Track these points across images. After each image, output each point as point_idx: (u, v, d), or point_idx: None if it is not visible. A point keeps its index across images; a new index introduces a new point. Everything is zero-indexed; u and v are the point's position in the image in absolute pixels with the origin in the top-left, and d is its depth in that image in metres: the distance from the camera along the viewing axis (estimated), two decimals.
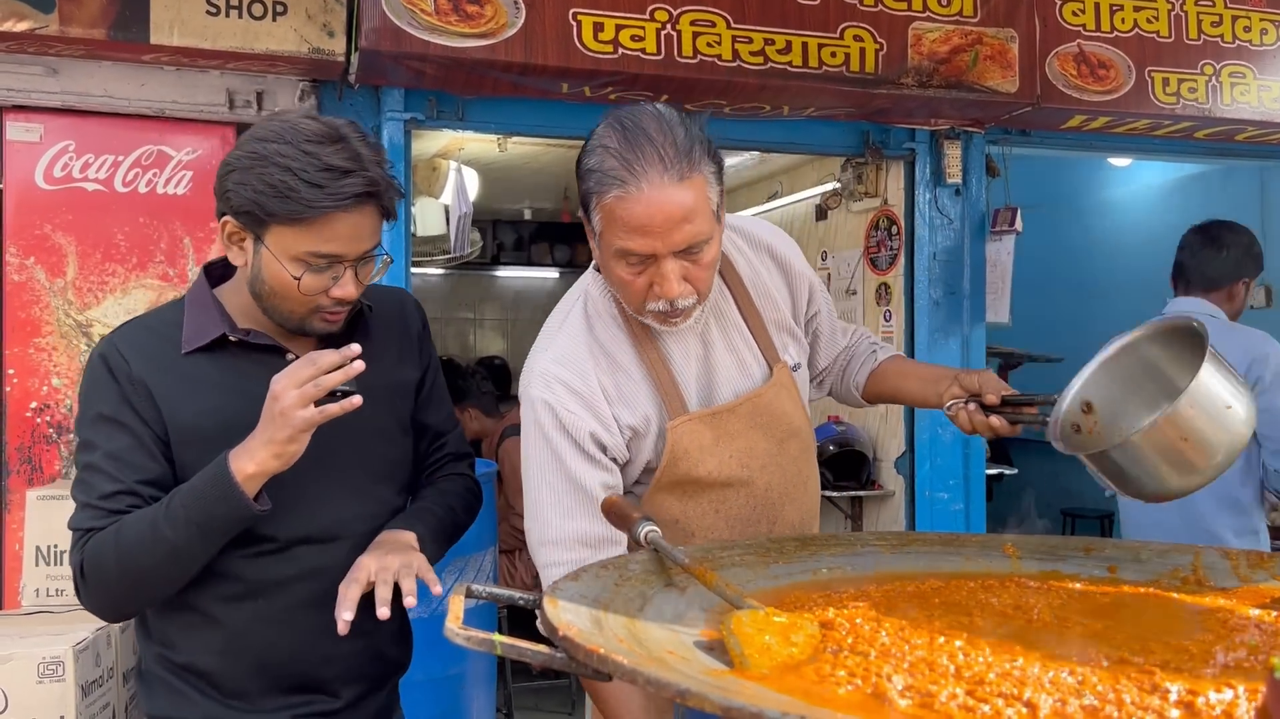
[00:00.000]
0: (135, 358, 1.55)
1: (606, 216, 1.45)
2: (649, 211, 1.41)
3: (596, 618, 0.86)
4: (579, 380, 1.56)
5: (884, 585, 1.09)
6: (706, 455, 1.59)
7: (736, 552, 1.16)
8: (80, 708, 2.49)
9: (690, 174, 1.43)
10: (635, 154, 1.41)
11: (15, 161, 3.23)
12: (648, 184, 1.41)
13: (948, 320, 4.32)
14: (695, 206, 1.43)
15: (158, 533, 1.45)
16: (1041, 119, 4.14)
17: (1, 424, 3.23)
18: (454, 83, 3.51)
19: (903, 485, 4.36)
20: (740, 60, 3.55)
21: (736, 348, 1.67)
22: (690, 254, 1.46)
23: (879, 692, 0.73)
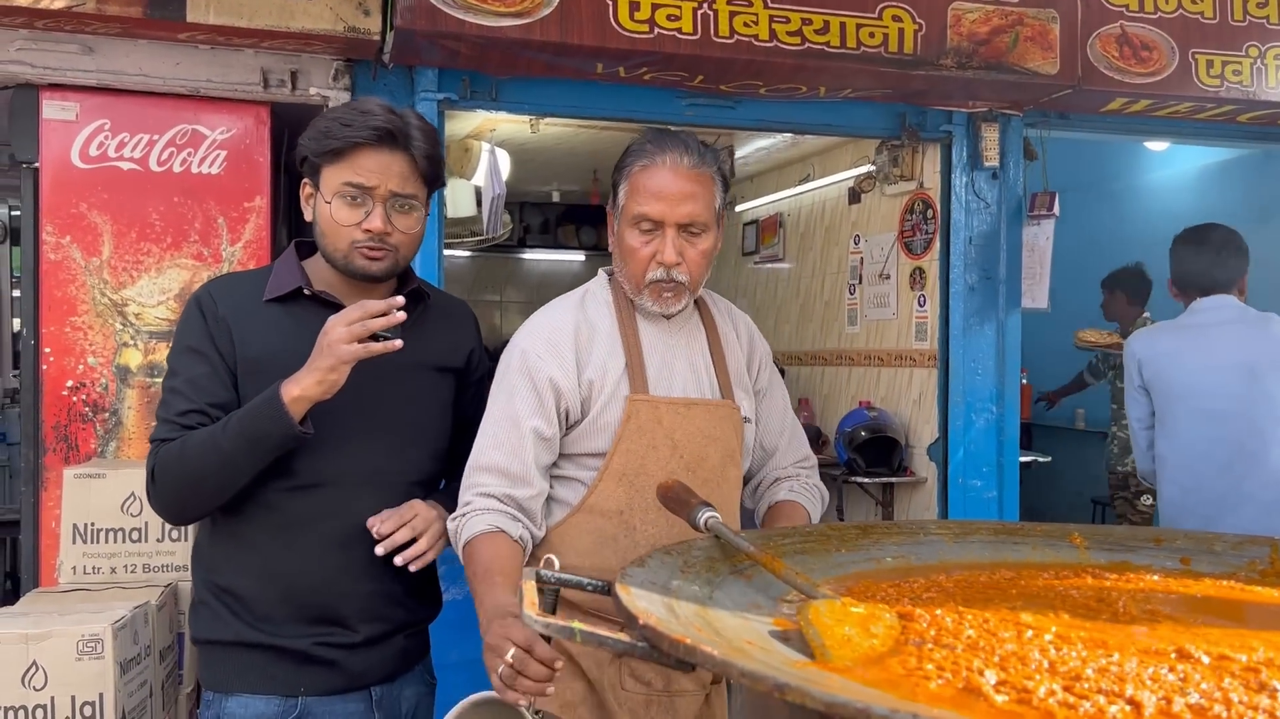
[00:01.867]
0: (223, 301, 1.81)
1: (631, 186, 1.76)
2: (665, 182, 1.73)
3: (669, 605, 0.83)
4: (558, 334, 1.78)
5: (954, 575, 1.06)
6: (659, 442, 1.73)
7: (796, 539, 1.14)
8: (119, 685, 2.49)
9: (703, 169, 1.76)
10: (664, 142, 1.77)
11: (51, 140, 3.23)
12: (669, 160, 1.74)
13: (983, 306, 4.26)
14: (702, 194, 1.75)
15: (216, 444, 1.68)
16: (1081, 101, 4.07)
17: (38, 403, 3.24)
18: (488, 62, 3.48)
19: (935, 472, 4.32)
20: (777, 40, 3.50)
21: (698, 368, 1.85)
22: (689, 233, 1.75)
23: (971, 686, 0.71)
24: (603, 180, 6.24)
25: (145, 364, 3.31)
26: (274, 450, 1.71)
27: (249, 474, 1.73)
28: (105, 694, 2.47)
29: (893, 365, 4.65)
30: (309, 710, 1.81)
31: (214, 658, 1.87)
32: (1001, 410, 4.26)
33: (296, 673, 1.80)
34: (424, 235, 1.87)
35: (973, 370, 4.25)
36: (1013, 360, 4.27)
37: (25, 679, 2.44)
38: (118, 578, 2.88)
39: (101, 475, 2.91)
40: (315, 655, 1.79)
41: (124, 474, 2.91)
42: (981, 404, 4.25)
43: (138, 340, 3.31)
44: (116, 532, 2.90)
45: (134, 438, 3.30)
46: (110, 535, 2.90)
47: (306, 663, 1.80)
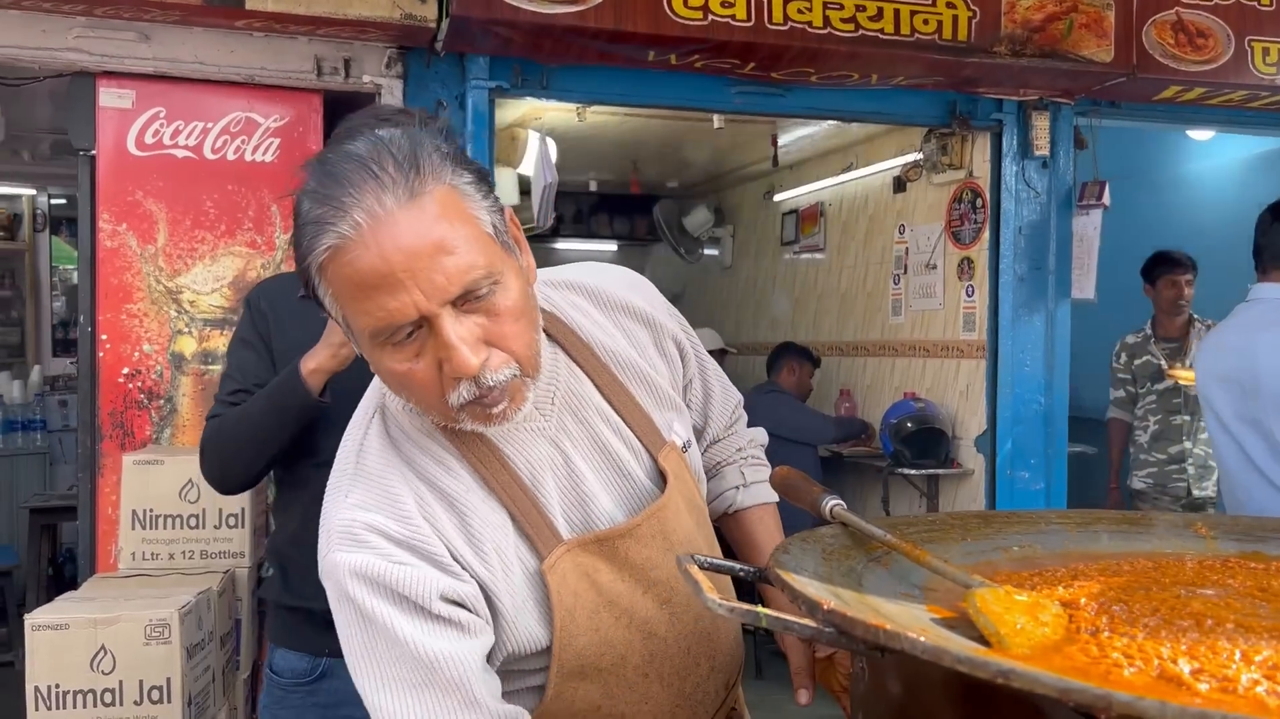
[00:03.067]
0: (265, 297, 2.02)
1: (334, 285, 0.98)
2: (381, 253, 0.94)
3: (833, 591, 0.82)
4: (399, 524, 1.04)
5: (1092, 564, 1.04)
6: (611, 598, 1.12)
7: (920, 528, 1.12)
8: (185, 669, 2.51)
9: (426, 185, 0.97)
10: (338, 184, 0.96)
11: (108, 127, 3.24)
12: (365, 215, 0.94)
13: (1032, 296, 4.23)
14: (450, 228, 0.96)
15: (248, 415, 1.87)
16: (1134, 90, 4.02)
17: (94, 389, 3.26)
18: (541, 50, 3.47)
19: (982, 464, 4.29)
20: (831, 27, 3.47)
21: (606, 443, 1.18)
22: (475, 302, 0.99)
23: (1168, 674, 0.69)
24: (642, 170, 6.23)
25: (199, 351, 3.32)
26: (297, 419, 1.85)
27: (278, 443, 1.88)
28: (172, 678, 2.49)
29: (939, 356, 4.62)
30: (331, 669, 1.95)
31: (269, 615, 2.11)
32: (1050, 402, 4.23)
33: (321, 635, 1.89)
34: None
35: (1021, 361, 4.22)
36: (1062, 351, 4.24)
37: (94, 663, 2.45)
38: (176, 564, 2.90)
39: (160, 462, 2.92)
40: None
41: (182, 461, 2.92)
42: (1030, 395, 4.22)
43: (192, 328, 3.31)
44: (175, 518, 2.91)
45: (188, 424, 3.31)
46: (169, 522, 2.91)
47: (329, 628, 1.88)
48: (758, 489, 1.41)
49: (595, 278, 1.28)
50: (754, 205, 6.63)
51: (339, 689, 1.90)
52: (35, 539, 4.91)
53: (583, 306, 1.24)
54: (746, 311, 6.78)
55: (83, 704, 2.45)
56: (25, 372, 6.17)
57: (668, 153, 5.87)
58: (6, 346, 6.32)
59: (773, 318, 6.37)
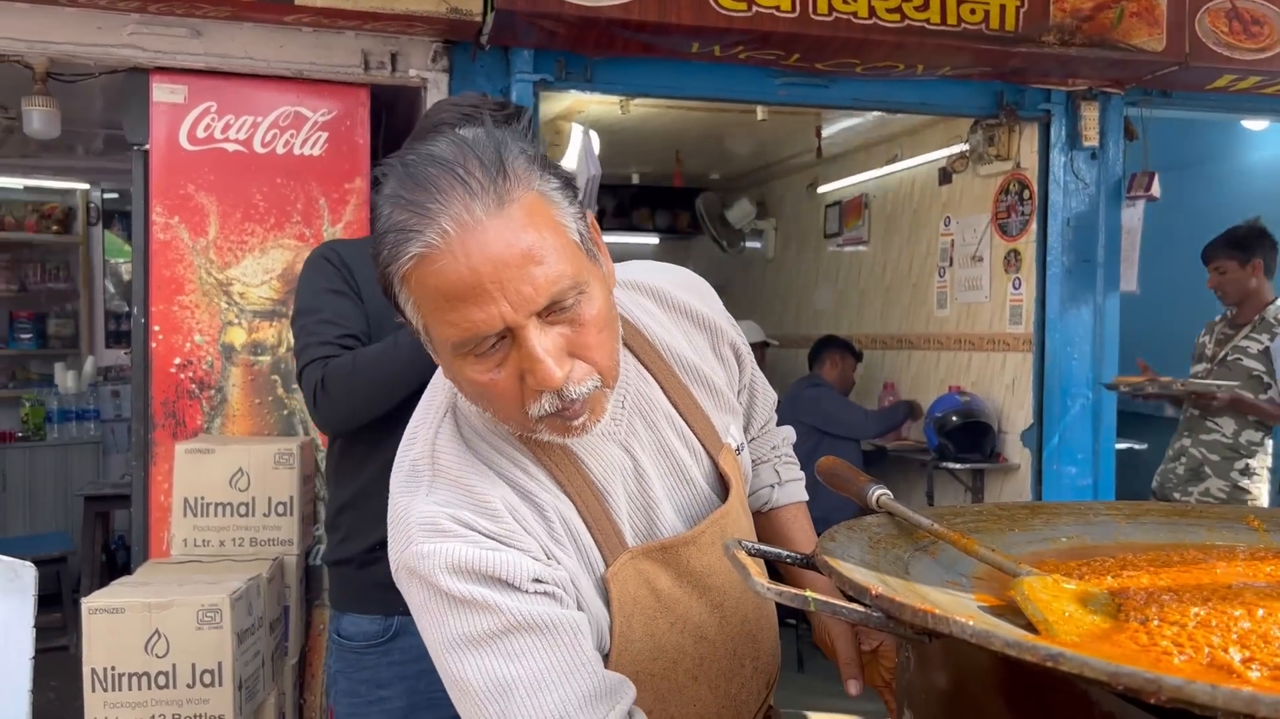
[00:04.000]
0: (346, 254, 1.99)
1: (419, 295, 0.95)
2: (470, 263, 0.91)
3: (882, 579, 0.82)
4: (489, 521, 1.01)
5: (1141, 555, 1.03)
6: (668, 604, 1.11)
7: (968, 519, 1.12)
8: (236, 654, 2.56)
9: (514, 192, 0.93)
10: (424, 189, 0.92)
11: (161, 122, 3.30)
12: (453, 223, 0.91)
13: (1080, 289, 4.17)
14: (538, 237, 0.93)
15: (394, 355, 1.83)
16: (1186, 79, 3.95)
17: (147, 379, 3.33)
18: (585, 43, 3.48)
19: (1029, 459, 4.24)
20: (876, 18, 3.45)
21: (671, 448, 1.16)
22: (560, 313, 0.96)
23: (1218, 663, 0.69)
24: (685, 161, 6.22)
25: (249, 343, 3.38)
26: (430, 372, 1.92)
27: (414, 386, 1.79)
28: (224, 663, 2.54)
29: (985, 349, 4.58)
30: (404, 628, 1.94)
31: (332, 581, 2.07)
32: (1098, 396, 4.18)
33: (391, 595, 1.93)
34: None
35: (1069, 355, 4.17)
36: (1111, 345, 4.18)
37: (148, 646, 2.51)
38: (226, 550, 2.95)
39: (211, 451, 2.98)
40: None
41: (232, 450, 2.98)
42: (1078, 389, 4.17)
43: (242, 319, 3.37)
44: (225, 506, 2.97)
45: (238, 415, 3.37)
46: (219, 509, 2.97)
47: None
48: (792, 488, 1.41)
49: (659, 278, 1.26)
50: (797, 197, 6.60)
51: (414, 646, 1.88)
52: (89, 526, 5.01)
53: (648, 308, 1.22)
54: (789, 304, 6.76)
55: (138, 686, 2.51)
56: (79, 362, 6.30)
57: (710, 145, 5.86)
58: (61, 338, 6.46)
59: (815, 310, 6.34)
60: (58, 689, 3.99)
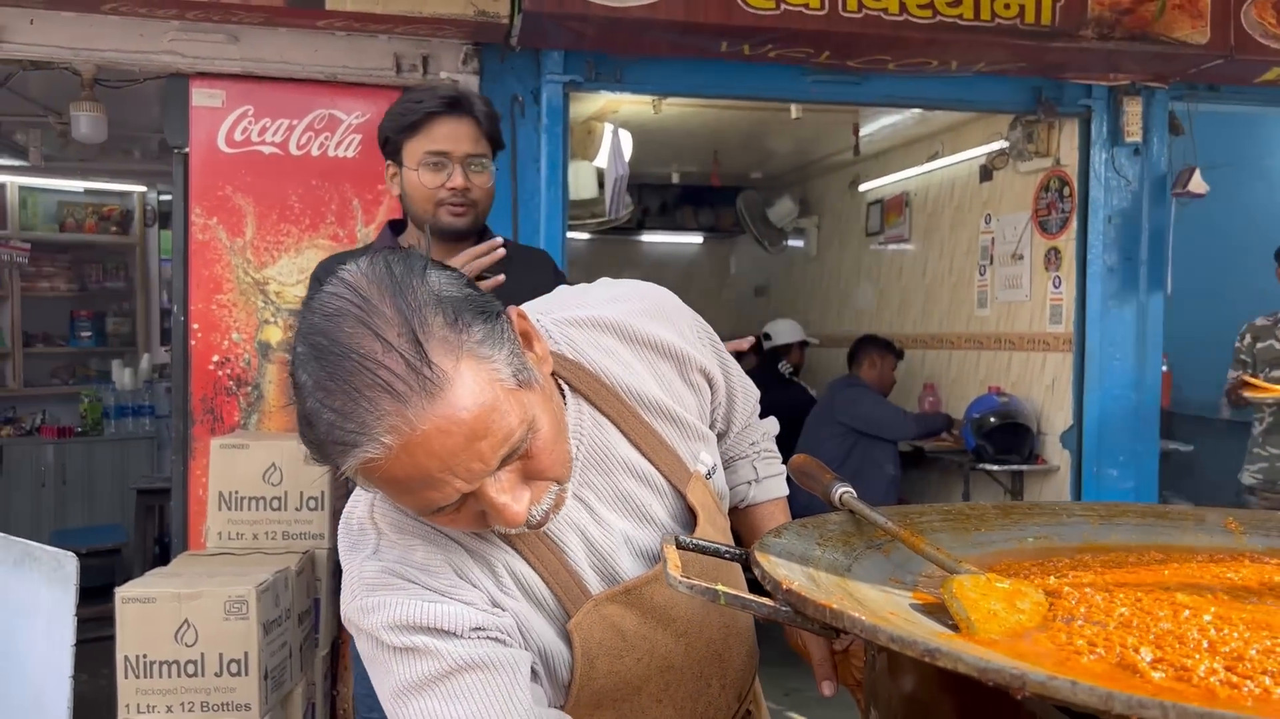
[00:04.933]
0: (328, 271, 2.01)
1: (368, 480, 0.92)
2: (414, 464, 0.88)
3: (810, 574, 0.83)
4: (425, 573, 1.02)
5: (1100, 556, 1.02)
6: (634, 643, 1.12)
7: (934, 518, 1.12)
8: (262, 644, 2.62)
9: (441, 377, 0.87)
10: (348, 393, 0.86)
11: (200, 126, 3.39)
12: (390, 435, 0.86)
13: (1122, 288, 4.09)
14: (478, 413, 0.89)
15: None
16: (1233, 72, 3.86)
17: (186, 376, 3.42)
18: (613, 43, 3.50)
19: (1069, 460, 4.17)
20: (908, 14, 3.42)
21: (629, 492, 1.15)
22: (513, 460, 0.94)
23: (1126, 663, 0.68)
24: (725, 160, 6.21)
25: (285, 340, 3.45)
26: None
27: None
28: (250, 653, 2.60)
29: (1025, 349, 4.51)
30: None
31: None
32: (1141, 397, 4.09)
33: None
34: (495, 191, 2.11)
35: (1111, 355, 4.09)
36: (1154, 345, 4.10)
37: (178, 635, 2.58)
38: (259, 544, 3.02)
39: (245, 446, 3.05)
40: None
41: (266, 445, 3.05)
42: (1120, 390, 4.09)
43: (277, 318, 3.45)
44: (258, 500, 3.04)
45: (274, 411, 3.45)
46: (252, 503, 3.04)
47: None
48: (770, 484, 1.40)
49: (621, 310, 1.21)
50: (839, 195, 6.56)
51: None
52: (141, 519, 5.16)
53: (607, 345, 1.18)
54: (831, 303, 6.71)
55: (168, 674, 2.59)
56: (135, 360, 6.48)
57: (750, 143, 5.85)
58: (119, 336, 6.65)
59: (857, 309, 6.30)
60: (109, 677, 4.11)
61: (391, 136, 2.05)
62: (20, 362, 6.27)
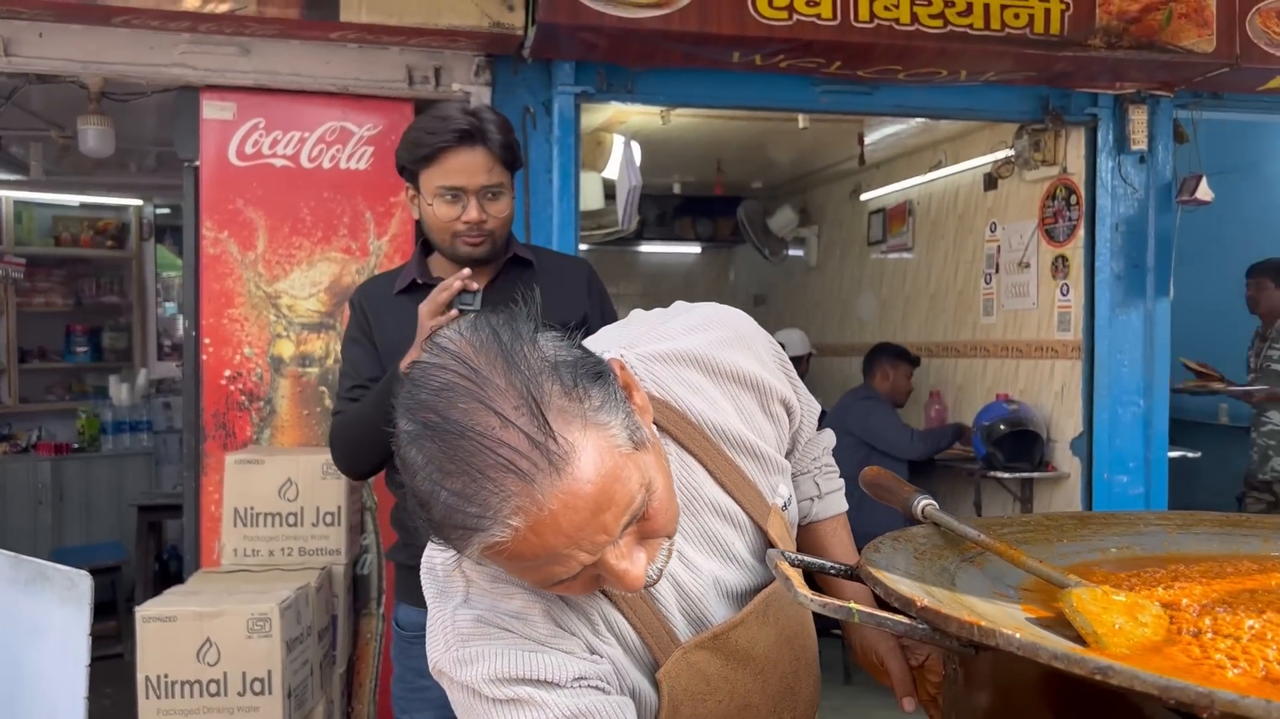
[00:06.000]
0: (366, 298, 2.15)
1: (486, 558, 0.89)
2: (541, 543, 0.86)
3: (926, 589, 0.82)
4: (522, 621, 1.00)
5: (1192, 566, 1.01)
6: (716, 685, 1.11)
7: (1015, 529, 1.11)
8: (285, 662, 2.59)
9: (565, 451, 0.84)
10: (470, 474, 0.83)
11: (211, 139, 3.37)
12: (517, 517, 0.84)
13: (1129, 295, 4.11)
14: (602, 484, 0.86)
15: (362, 414, 2.00)
16: (1238, 81, 3.88)
17: (198, 391, 3.39)
18: (626, 54, 3.50)
19: (1079, 468, 4.18)
20: (919, 24, 3.43)
21: (715, 532, 1.14)
22: (633, 524, 0.92)
23: (1273, 677, 0.67)
24: (727, 170, 6.22)
25: (297, 354, 3.43)
26: None
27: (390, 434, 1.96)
28: (273, 671, 2.57)
29: (1032, 357, 4.52)
30: None
31: (397, 574, 2.22)
32: (1149, 403, 4.11)
33: None
34: (514, 214, 2.11)
35: (1119, 362, 4.11)
36: (1162, 351, 4.11)
37: (200, 655, 2.55)
38: (275, 560, 2.99)
39: (260, 462, 3.02)
40: None
41: (281, 461, 3.03)
42: (1128, 397, 4.10)
43: (290, 332, 3.42)
44: (274, 516, 3.01)
45: (287, 425, 3.42)
46: (268, 519, 3.01)
47: None
48: (831, 500, 1.39)
49: (701, 340, 1.18)
50: (840, 204, 6.57)
51: None
52: (142, 536, 5.11)
53: (692, 380, 1.15)
54: (833, 313, 6.72)
55: (190, 694, 2.55)
56: (132, 375, 6.43)
57: (752, 153, 5.85)
58: (115, 351, 6.59)
59: (859, 319, 6.30)
60: (113, 696, 4.06)
61: (407, 165, 2.06)
62: (16, 378, 6.21)
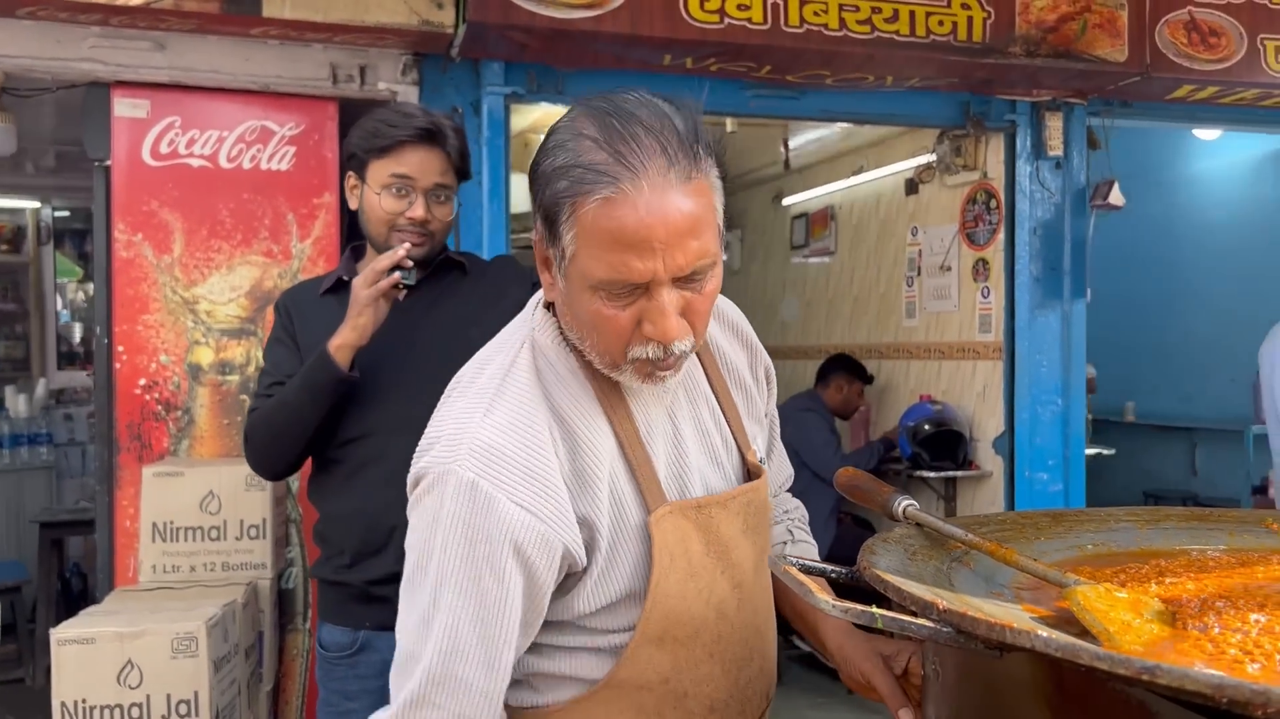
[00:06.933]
0: (292, 300, 2.14)
1: (587, 229, 1.03)
2: (649, 220, 1.00)
3: (935, 593, 0.80)
4: (534, 456, 1.08)
5: (1172, 561, 1.02)
6: (698, 571, 1.16)
7: (992, 528, 1.10)
8: (213, 683, 2.48)
9: (697, 174, 1.04)
10: (628, 143, 1.01)
11: (123, 137, 3.22)
12: (648, 181, 1.00)
13: (1047, 297, 4.22)
14: (703, 217, 1.04)
15: (285, 400, 1.96)
16: (1147, 89, 4.02)
17: (111, 402, 3.23)
18: (557, 55, 3.46)
19: (1001, 466, 4.27)
20: (847, 29, 3.46)
21: (706, 429, 1.23)
22: (692, 283, 1.06)
23: None
24: None
25: (217, 362, 3.30)
26: (329, 396, 1.93)
27: (314, 422, 1.96)
28: (200, 692, 2.46)
29: (954, 358, 4.61)
30: (369, 643, 2.00)
31: (320, 591, 2.17)
32: (1067, 403, 4.22)
33: (361, 610, 2.00)
34: (453, 223, 2.11)
35: (1038, 362, 4.21)
36: (1078, 352, 4.23)
37: (121, 678, 2.43)
38: (197, 576, 2.87)
39: (180, 474, 2.90)
40: (373, 594, 1.97)
41: (202, 472, 2.91)
42: (1047, 396, 4.21)
43: (209, 338, 3.29)
44: (195, 530, 2.89)
45: (206, 436, 3.29)
46: (189, 534, 2.89)
47: (367, 601, 1.99)
48: (804, 548, 1.43)
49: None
50: (763, 209, 6.62)
51: (376, 662, 1.97)
52: (45, 554, 4.87)
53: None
54: (756, 316, 6.70)
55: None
56: (30, 385, 6.13)
57: None
58: (10, 360, 6.29)
59: (783, 322, 6.36)
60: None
61: (358, 153, 2.01)
62: None
